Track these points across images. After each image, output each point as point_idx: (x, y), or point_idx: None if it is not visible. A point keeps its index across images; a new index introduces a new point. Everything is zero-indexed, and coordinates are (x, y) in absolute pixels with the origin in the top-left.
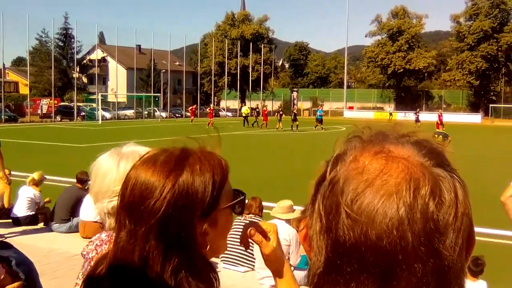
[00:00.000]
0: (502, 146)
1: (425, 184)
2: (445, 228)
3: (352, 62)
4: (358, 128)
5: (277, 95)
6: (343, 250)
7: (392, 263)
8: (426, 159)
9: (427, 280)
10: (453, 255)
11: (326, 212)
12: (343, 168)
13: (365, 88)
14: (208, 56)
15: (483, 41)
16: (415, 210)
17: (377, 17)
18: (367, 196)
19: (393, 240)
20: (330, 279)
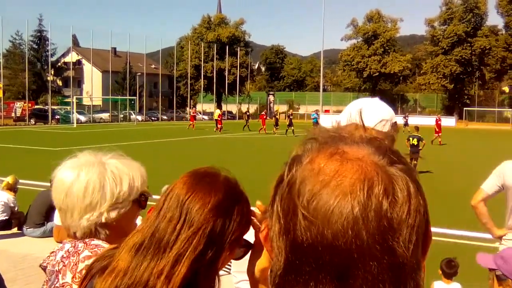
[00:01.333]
0: (475, 149)
1: (379, 183)
2: (398, 226)
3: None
4: (315, 131)
5: (254, 98)
6: (301, 250)
7: (348, 262)
8: (380, 158)
9: (383, 277)
10: (407, 252)
11: (284, 213)
12: (299, 169)
13: (341, 92)
14: (184, 59)
15: (457, 45)
16: (369, 209)
17: (352, 21)
18: (323, 196)
19: (349, 239)
20: (290, 279)
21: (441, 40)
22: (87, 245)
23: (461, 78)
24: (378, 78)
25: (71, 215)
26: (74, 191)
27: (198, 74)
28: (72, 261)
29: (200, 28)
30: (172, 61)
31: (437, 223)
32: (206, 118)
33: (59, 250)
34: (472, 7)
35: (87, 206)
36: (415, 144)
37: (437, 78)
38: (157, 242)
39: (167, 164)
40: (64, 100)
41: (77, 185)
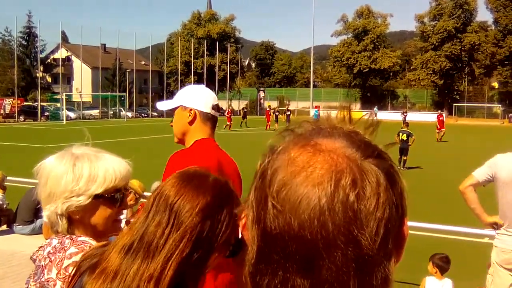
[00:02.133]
0: (465, 145)
1: (348, 175)
2: (365, 218)
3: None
4: (295, 123)
5: (244, 94)
6: (270, 239)
7: (314, 252)
8: (353, 151)
9: (347, 268)
10: (373, 244)
11: (256, 202)
12: (272, 160)
13: (331, 88)
14: (174, 55)
15: (447, 41)
16: (336, 200)
17: (342, 16)
18: (292, 187)
19: (314, 229)
20: (261, 268)
21: (431, 36)
22: (73, 242)
23: (450, 74)
24: (368, 74)
25: (56, 200)
26: (64, 179)
27: (188, 71)
28: (58, 257)
29: (190, 24)
30: (162, 57)
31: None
32: None
33: (47, 246)
34: (461, 3)
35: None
36: (405, 139)
37: (427, 74)
38: (146, 246)
39: (160, 161)
40: (54, 97)
41: (70, 173)
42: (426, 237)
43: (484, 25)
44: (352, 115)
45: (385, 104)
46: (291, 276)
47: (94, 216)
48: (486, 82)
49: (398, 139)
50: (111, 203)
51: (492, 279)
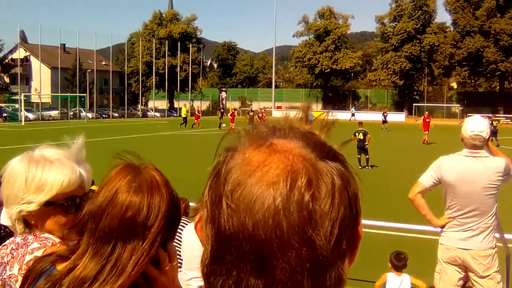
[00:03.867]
0: (421, 144)
1: (303, 175)
2: (320, 218)
3: (280, 62)
4: (251, 125)
5: (206, 95)
6: (224, 239)
7: (268, 252)
8: (309, 152)
9: (301, 268)
10: (328, 245)
11: (211, 202)
12: (227, 160)
13: (293, 88)
14: (135, 55)
15: (407, 41)
16: (290, 200)
17: (304, 17)
18: (247, 186)
19: (269, 229)
20: (215, 268)
21: (391, 37)
22: (36, 237)
23: (410, 74)
24: (330, 75)
25: (11, 204)
26: (18, 183)
27: (149, 71)
28: (20, 252)
29: (151, 24)
30: (123, 58)
31: (385, 217)
32: (158, 115)
33: (10, 243)
34: (421, 4)
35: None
36: (361, 138)
37: (387, 74)
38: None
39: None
40: (12, 98)
41: (23, 178)
42: (391, 236)
43: (443, 27)
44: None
45: (347, 105)
46: (245, 276)
47: (48, 222)
48: (445, 83)
49: (355, 139)
50: (64, 210)
51: (440, 276)
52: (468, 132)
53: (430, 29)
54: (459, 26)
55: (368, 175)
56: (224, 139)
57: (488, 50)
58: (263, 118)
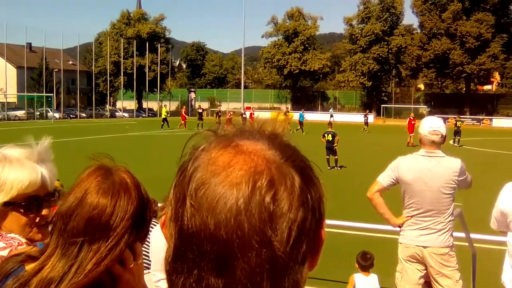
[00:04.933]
0: (387, 144)
1: (265, 177)
2: (279, 220)
3: (249, 62)
4: (220, 126)
5: (175, 95)
6: (186, 237)
7: (228, 252)
8: (273, 153)
9: (261, 269)
10: (286, 246)
11: (175, 201)
12: (193, 159)
13: (262, 89)
14: (103, 55)
15: (375, 43)
16: (252, 201)
17: (273, 18)
18: (211, 186)
19: (230, 229)
20: (177, 266)
21: (359, 39)
22: (2, 237)
23: (378, 75)
24: (299, 76)
25: None
26: None
27: (117, 71)
28: None
29: (119, 23)
30: (90, 57)
31: (354, 217)
32: (126, 115)
33: None
34: (388, 6)
35: None
36: (330, 140)
37: (355, 75)
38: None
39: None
40: None
41: None
42: (360, 236)
43: (410, 29)
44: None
45: (315, 105)
46: (205, 275)
47: (7, 222)
48: (413, 84)
49: (324, 140)
50: (25, 210)
51: (401, 275)
52: (427, 129)
53: (397, 31)
54: (426, 28)
55: (337, 175)
56: (191, 139)
57: (454, 52)
58: (230, 120)
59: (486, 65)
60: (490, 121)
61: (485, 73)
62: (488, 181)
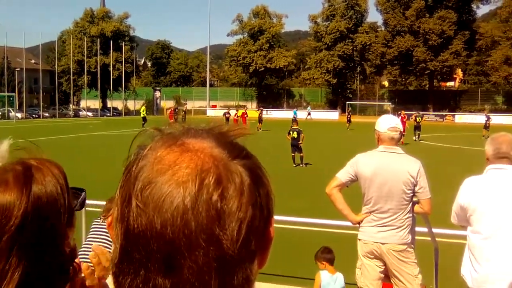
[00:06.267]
0: (353, 141)
1: (213, 175)
2: (227, 218)
3: (214, 60)
4: (166, 124)
5: (140, 94)
6: (132, 237)
7: (176, 251)
8: (221, 151)
9: (209, 268)
10: (235, 245)
11: (121, 200)
12: (139, 158)
13: (228, 87)
14: (66, 54)
15: (340, 41)
16: (199, 200)
17: (238, 16)
18: (157, 185)
19: (177, 228)
20: (123, 267)
21: (324, 36)
22: None
23: (343, 73)
24: (264, 73)
25: None
26: None
27: (81, 70)
28: None
29: (82, 22)
30: (53, 56)
31: (319, 214)
32: (90, 114)
33: None
34: (353, 4)
35: None
36: (295, 137)
37: (321, 73)
38: None
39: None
40: None
41: None
42: (325, 232)
43: (375, 26)
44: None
45: (281, 103)
46: (152, 276)
47: None
48: (377, 81)
49: (289, 137)
50: None
51: (361, 271)
52: (386, 126)
53: (362, 29)
54: (390, 26)
55: (303, 173)
56: (137, 137)
57: (417, 50)
58: (172, 114)
59: (449, 62)
60: (453, 117)
61: (448, 70)
62: (450, 176)
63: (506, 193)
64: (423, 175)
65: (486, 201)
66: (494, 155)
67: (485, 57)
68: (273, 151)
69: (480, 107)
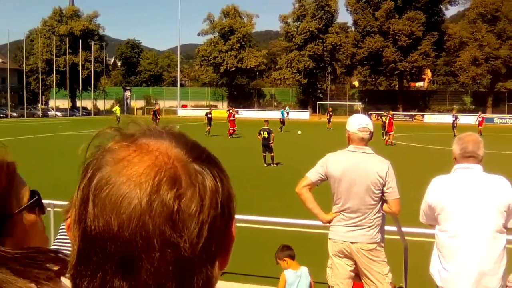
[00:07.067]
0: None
1: (170, 175)
2: (186, 220)
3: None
4: (123, 123)
5: (109, 94)
6: (90, 239)
7: (133, 253)
8: (181, 152)
9: (166, 271)
10: (194, 247)
11: (79, 202)
12: (97, 159)
13: (198, 87)
14: (34, 53)
15: (310, 41)
16: (156, 201)
17: (208, 16)
18: (115, 186)
19: (134, 230)
20: (81, 269)
21: (295, 36)
22: None
23: (314, 73)
24: (235, 73)
25: None
26: None
27: (50, 69)
28: None
29: (51, 20)
30: (21, 55)
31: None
32: (59, 114)
33: None
34: (323, 4)
35: None
36: (266, 137)
37: (291, 73)
38: None
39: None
40: None
41: None
42: (294, 232)
43: (345, 27)
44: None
45: (252, 103)
46: (110, 278)
47: None
48: (347, 81)
49: (260, 137)
50: None
51: (332, 270)
52: (356, 126)
53: (332, 29)
54: (360, 26)
55: (273, 173)
56: (96, 138)
57: (387, 50)
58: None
59: (418, 62)
60: (422, 117)
61: (417, 70)
62: (419, 175)
63: (473, 192)
64: (391, 175)
65: (453, 200)
66: (461, 155)
67: (453, 58)
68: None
69: (449, 107)
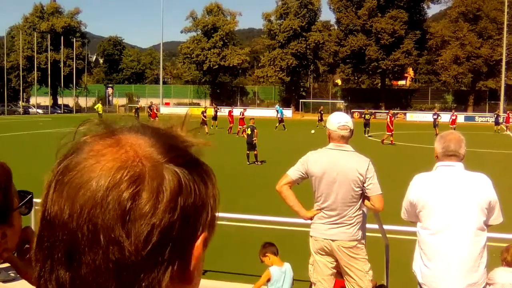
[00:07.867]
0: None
1: (132, 173)
2: (136, 221)
3: (168, 58)
4: (103, 117)
5: (91, 91)
6: (45, 224)
7: (77, 245)
8: (154, 151)
9: (107, 269)
10: (139, 249)
11: (47, 186)
12: (72, 148)
13: (181, 84)
14: (15, 50)
15: (293, 39)
16: (111, 196)
17: (191, 13)
18: (77, 174)
19: (82, 221)
20: (37, 253)
21: (278, 34)
22: None
23: (297, 71)
24: (218, 71)
25: None
26: None
27: (31, 66)
28: None
29: (32, 17)
30: (2, 52)
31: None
32: (40, 111)
33: None
34: (306, 2)
35: None
36: (249, 134)
37: (274, 71)
38: None
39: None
40: None
41: None
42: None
43: (328, 25)
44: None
45: (235, 101)
46: (56, 266)
47: None
48: (330, 79)
49: (245, 134)
50: None
51: (313, 268)
52: (336, 125)
53: (315, 27)
54: (343, 24)
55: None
56: (81, 126)
57: (370, 48)
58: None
59: (400, 61)
60: (404, 115)
61: (399, 68)
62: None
63: (454, 189)
64: (372, 172)
65: (435, 197)
66: (443, 153)
67: (435, 57)
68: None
69: (431, 106)
